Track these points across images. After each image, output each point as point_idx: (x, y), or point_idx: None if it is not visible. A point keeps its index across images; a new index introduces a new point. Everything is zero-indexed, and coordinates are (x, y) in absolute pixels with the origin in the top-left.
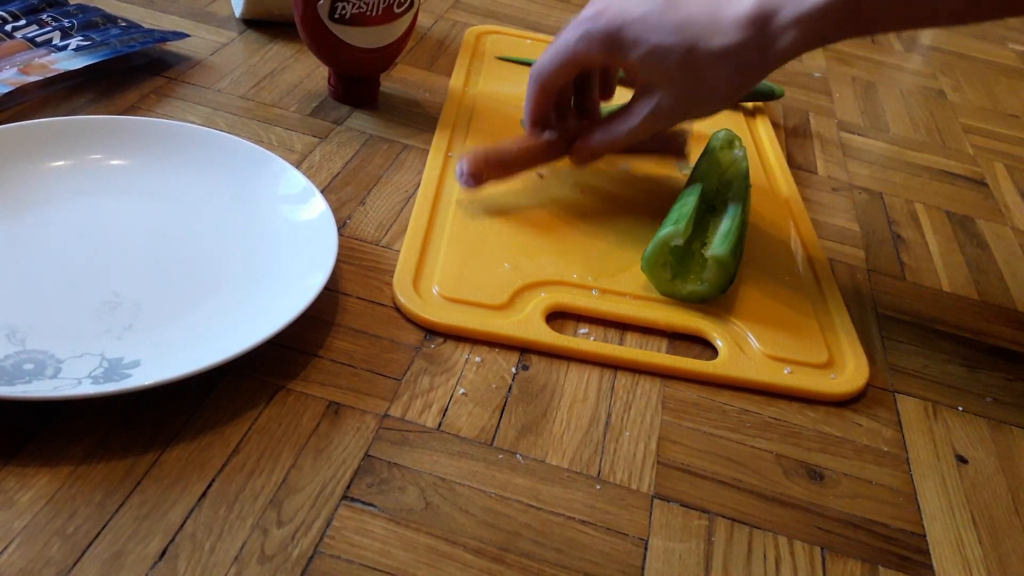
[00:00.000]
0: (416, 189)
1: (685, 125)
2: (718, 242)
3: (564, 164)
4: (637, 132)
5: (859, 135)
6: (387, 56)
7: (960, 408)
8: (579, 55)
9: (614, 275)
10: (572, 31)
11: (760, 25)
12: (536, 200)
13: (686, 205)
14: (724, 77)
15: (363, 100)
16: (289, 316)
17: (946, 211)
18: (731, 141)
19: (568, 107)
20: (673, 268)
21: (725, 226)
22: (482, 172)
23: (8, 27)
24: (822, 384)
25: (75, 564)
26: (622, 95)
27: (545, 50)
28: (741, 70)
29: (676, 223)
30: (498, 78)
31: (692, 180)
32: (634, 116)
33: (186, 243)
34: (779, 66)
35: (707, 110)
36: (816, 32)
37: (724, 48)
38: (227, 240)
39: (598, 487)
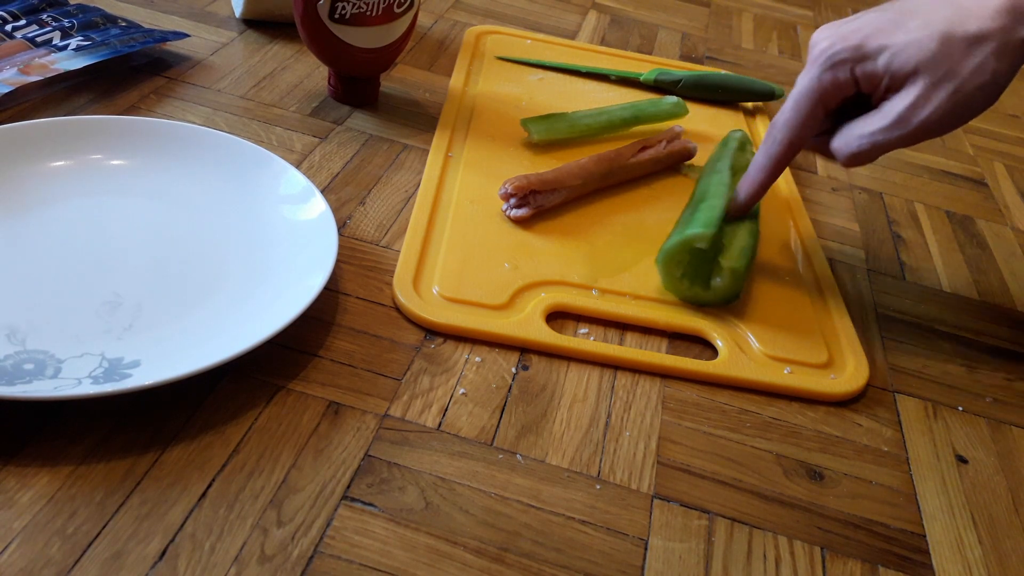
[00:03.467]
0: (416, 189)
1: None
2: (738, 254)
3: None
4: (891, 129)
5: None
6: (387, 56)
7: (960, 408)
8: (827, 87)
9: (614, 275)
10: (811, 71)
11: (1017, 12)
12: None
13: (713, 208)
14: (987, 61)
15: (363, 100)
16: (289, 316)
17: (946, 211)
18: (744, 144)
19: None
20: (685, 268)
21: (745, 240)
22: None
23: (8, 27)
24: (822, 384)
25: (75, 564)
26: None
27: (784, 104)
28: (1003, 54)
29: (705, 226)
30: (498, 78)
31: (713, 181)
32: (887, 112)
33: (186, 243)
34: None
35: (975, 103)
36: None
37: (980, 31)
38: (227, 240)
39: (598, 487)
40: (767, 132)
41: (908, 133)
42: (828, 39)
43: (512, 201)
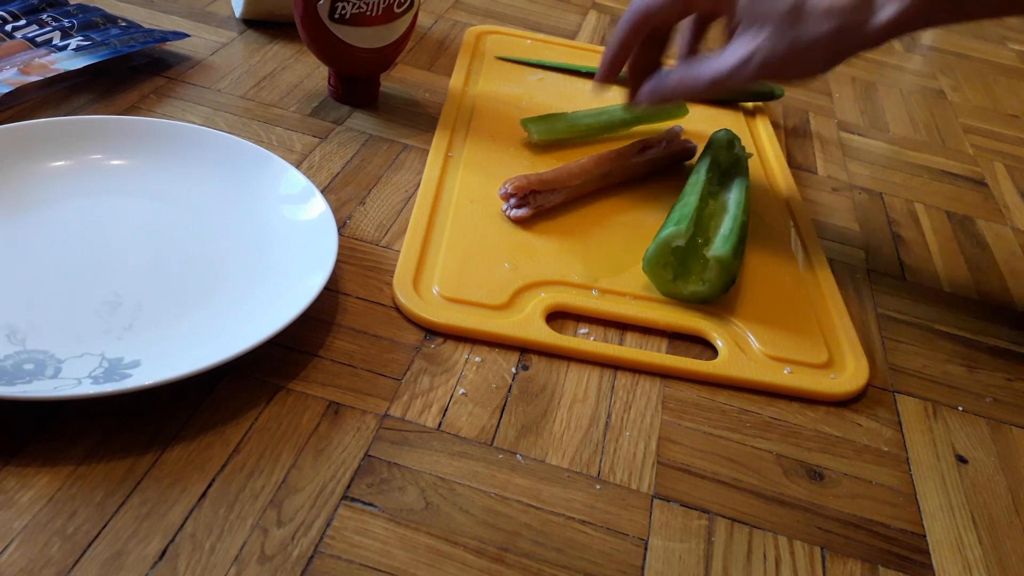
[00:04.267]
0: (416, 189)
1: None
2: (720, 243)
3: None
4: (725, 77)
5: (859, 135)
6: (387, 56)
7: (960, 408)
8: None
9: (614, 275)
10: None
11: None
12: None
13: (687, 205)
14: (826, 36)
15: (363, 100)
16: (289, 316)
17: (946, 211)
18: (731, 141)
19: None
20: (674, 268)
21: (727, 226)
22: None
23: (8, 27)
24: (822, 384)
25: (75, 564)
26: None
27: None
28: (842, 33)
29: (677, 224)
30: (498, 78)
31: (693, 180)
32: (725, 58)
33: (186, 243)
34: (876, 44)
35: (801, 71)
36: (918, 10)
37: (832, 4)
38: (227, 240)
39: (598, 487)
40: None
41: (726, 80)
42: None
43: (512, 201)
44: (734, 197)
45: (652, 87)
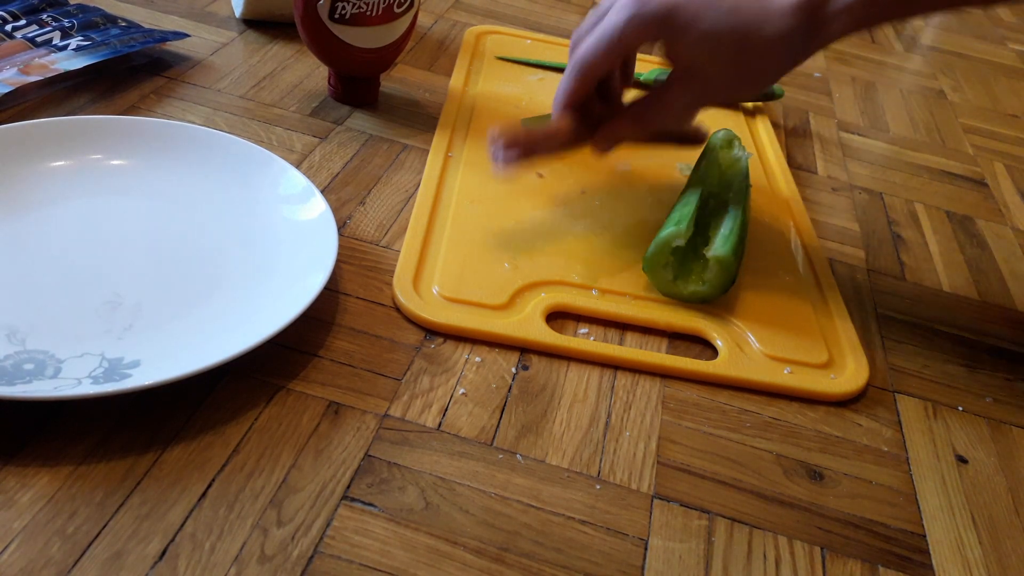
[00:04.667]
0: (416, 189)
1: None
2: (720, 242)
3: (564, 164)
4: (674, 118)
5: (859, 135)
6: (387, 56)
7: (960, 408)
8: (627, 40)
9: (614, 275)
10: (619, 14)
11: (811, 11)
12: (536, 200)
13: (687, 205)
14: (773, 63)
15: (363, 100)
16: (289, 316)
17: (946, 211)
18: (731, 141)
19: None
20: (675, 269)
21: (727, 226)
22: (516, 146)
23: (8, 27)
24: (822, 384)
25: (75, 564)
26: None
27: (589, 35)
28: (789, 56)
29: (678, 224)
30: (498, 78)
31: (692, 180)
32: (672, 101)
33: (186, 243)
34: (821, 49)
35: (747, 94)
36: (866, 15)
37: (778, 34)
38: (227, 240)
39: (598, 487)
40: (569, 57)
41: (675, 120)
42: None
43: (501, 150)
44: (734, 198)
45: (603, 133)
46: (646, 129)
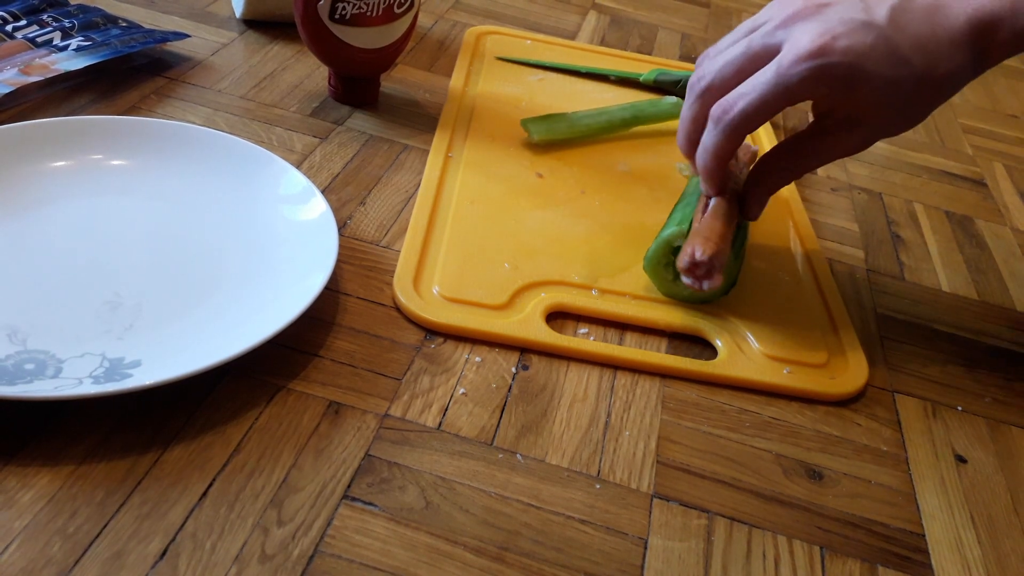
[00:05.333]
0: (416, 189)
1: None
2: None
3: (564, 164)
4: (841, 156)
5: None
6: (387, 56)
7: (959, 408)
8: (802, 93)
9: (614, 275)
10: (796, 66)
11: (981, 43)
12: (536, 200)
13: (689, 206)
14: (942, 99)
15: (363, 100)
16: (289, 316)
17: (945, 211)
18: None
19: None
20: (675, 269)
21: None
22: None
23: (8, 27)
24: (821, 384)
25: (76, 564)
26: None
27: (744, 89)
28: (958, 85)
29: (679, 224)
30: (498, 78)
31: (694, 181)
32: (829, 150)
33: (186, 243)
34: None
35: (911, 126)
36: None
37: (950, 73)
38: (227, 240)
39: (598, 487)
40: (712, 113)
41: (825, 163)
42: (809, 35)
43: (699, 271)
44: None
45: (761, 190)
46: (795, 178)
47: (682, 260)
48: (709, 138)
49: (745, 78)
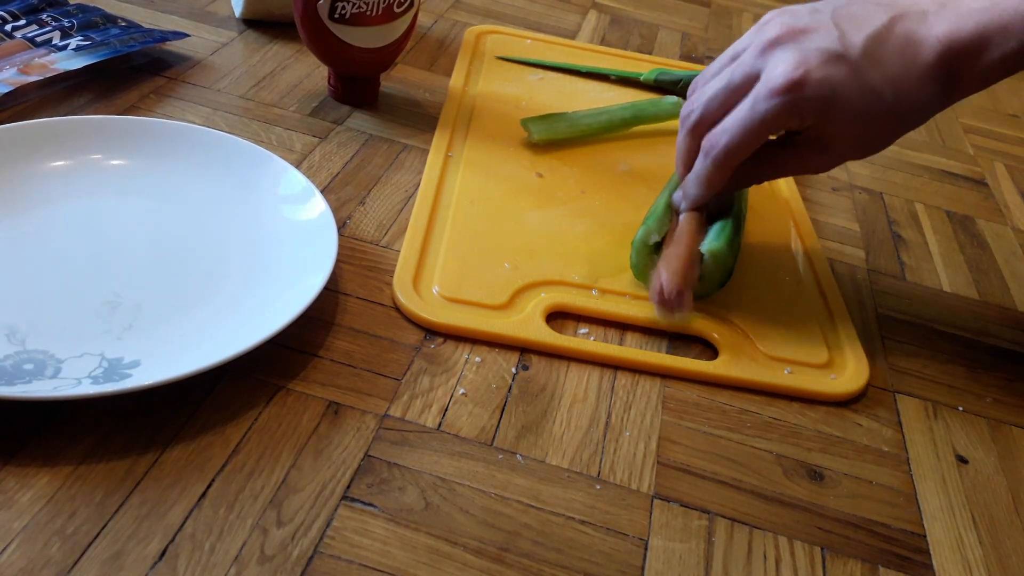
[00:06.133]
0: (416, 189)
1: None
2: (713, 236)
3: (564, 164)
4: (794, 174)
5: None
6: (387, 56)
7: (960, 408)
8: (780, 123)
9: (614, 275)
10: (773, 99)
11: (951, 74)
12: (536, 200)
13: (657, 204)
14: (912, 126)
15: (363, 100)
16: (289, 316)
17: (946, 211)
18: None
19: None
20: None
21: (720, 221)
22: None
23: (8, 27)
24: (822, 384)
25: (75, 564)
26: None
27: (726, 125)
28: (928, 114)
29: (646, 223)
30: (498, 78)
31: (671, 180)
32: (802, 164)
33: (186, 243)
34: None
35: (876, 151)
36: (1004, 71)
37: (922, 103)
38: (227, 240)
39: (598, 487)
40: (703, 146)
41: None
42: (785, 64)
43: (678, 299)
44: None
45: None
46: (752, 183)
47: (651, 294)
48: (700, 168)
49: (730, 110)
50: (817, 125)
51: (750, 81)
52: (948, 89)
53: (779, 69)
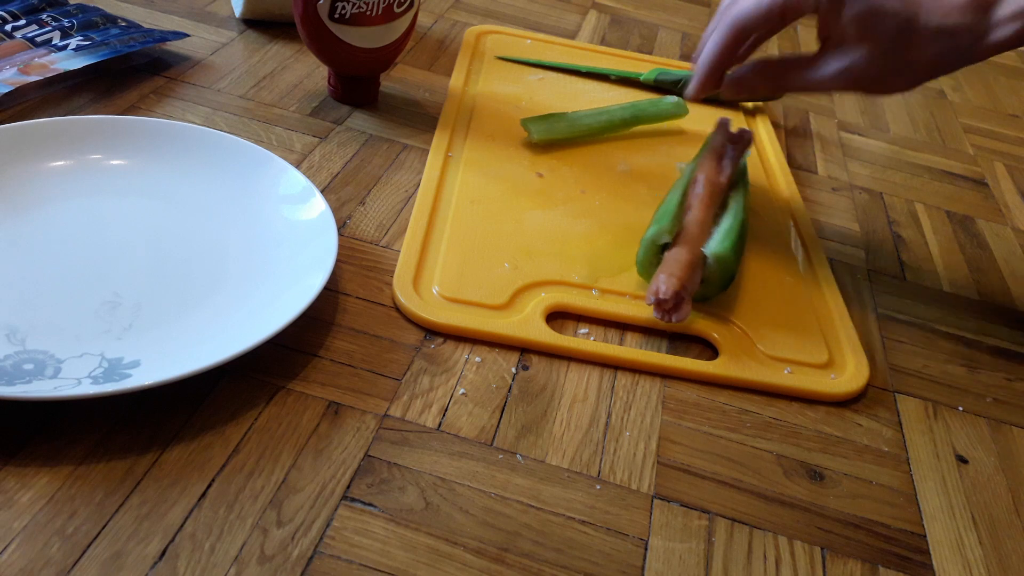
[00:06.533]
0: (416, 189)
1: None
2: (718, 239)
3: (564, 164)
4: (816, 87)
5: (859, 135)
6: (387, 56)
7: (960, 408)
8: (792, 4)
9: (614, 275)
10: None
11: (982, 10)
12: (536, 200)
13: (670, 203)
14: (930, 57)
15: (363, 100)
16: (289, 316)
17: (946, 211)
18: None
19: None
20: None
21: (726, 224)
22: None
23: (8, 27)
24: (822, 384)
25: (75, 564)
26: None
27: None
28: (949, 55)
29: (659, 222)
30: (498, 78)
31: (679, 180)
32: (825, 68)
33: (186, 243)
34: (985, 59)
35: (896, 86)
36: None
37: (943, 27)
38: (227, 240)
39: (598, 487)
40: (718, 19)
41: (822, 88)
42: None
43: (667, 305)
44: (734, 196)
45: (737, 77)
46: (782, 90)
47: (648, 297)
48: (711, 39)
49: None
50: (829, 18)
51: None
52: (979, 25)
53: None
